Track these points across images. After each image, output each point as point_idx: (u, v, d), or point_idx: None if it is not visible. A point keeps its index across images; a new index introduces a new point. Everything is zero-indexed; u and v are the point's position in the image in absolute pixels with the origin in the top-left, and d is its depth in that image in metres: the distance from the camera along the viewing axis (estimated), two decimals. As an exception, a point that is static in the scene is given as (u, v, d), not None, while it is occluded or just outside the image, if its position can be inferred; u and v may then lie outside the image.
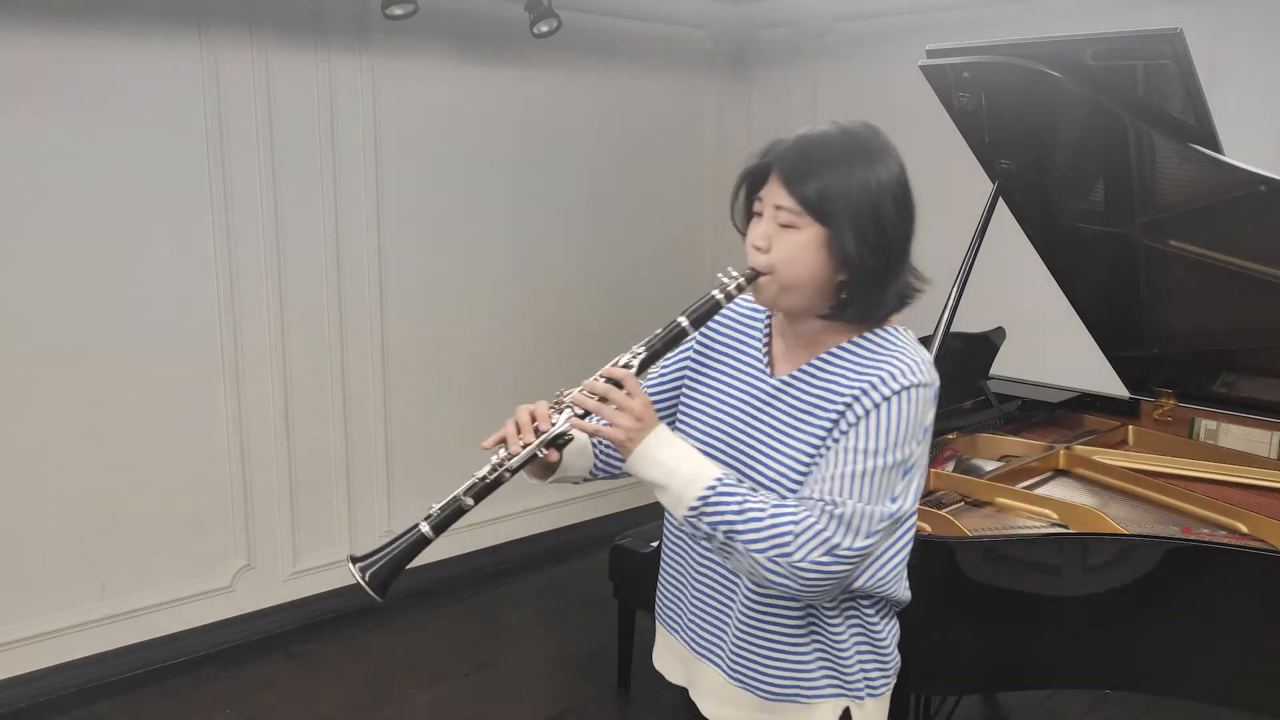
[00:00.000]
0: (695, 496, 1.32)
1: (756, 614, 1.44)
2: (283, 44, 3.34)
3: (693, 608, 1.54)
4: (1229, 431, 2.77)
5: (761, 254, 1.36)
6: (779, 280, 1.36)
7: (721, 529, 1.31)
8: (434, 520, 1.40)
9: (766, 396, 1.44)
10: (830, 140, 1.34)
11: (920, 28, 3.97)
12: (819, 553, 1.28)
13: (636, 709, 3.17)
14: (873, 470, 1.31)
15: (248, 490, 3.50)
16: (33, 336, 3.01)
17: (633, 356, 1.38)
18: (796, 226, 1.33)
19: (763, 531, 1.29)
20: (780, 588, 1.31)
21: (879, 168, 1.33)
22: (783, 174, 1.34)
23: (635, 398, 1.34)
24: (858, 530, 1.30)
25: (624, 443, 1.34)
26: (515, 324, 4.15)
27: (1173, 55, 1.99)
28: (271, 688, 3.28)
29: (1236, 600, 2.07)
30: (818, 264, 1.34)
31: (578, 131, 4.20)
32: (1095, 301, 2.83)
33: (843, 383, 1.36)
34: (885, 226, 1.33)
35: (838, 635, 1.43)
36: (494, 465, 1.40)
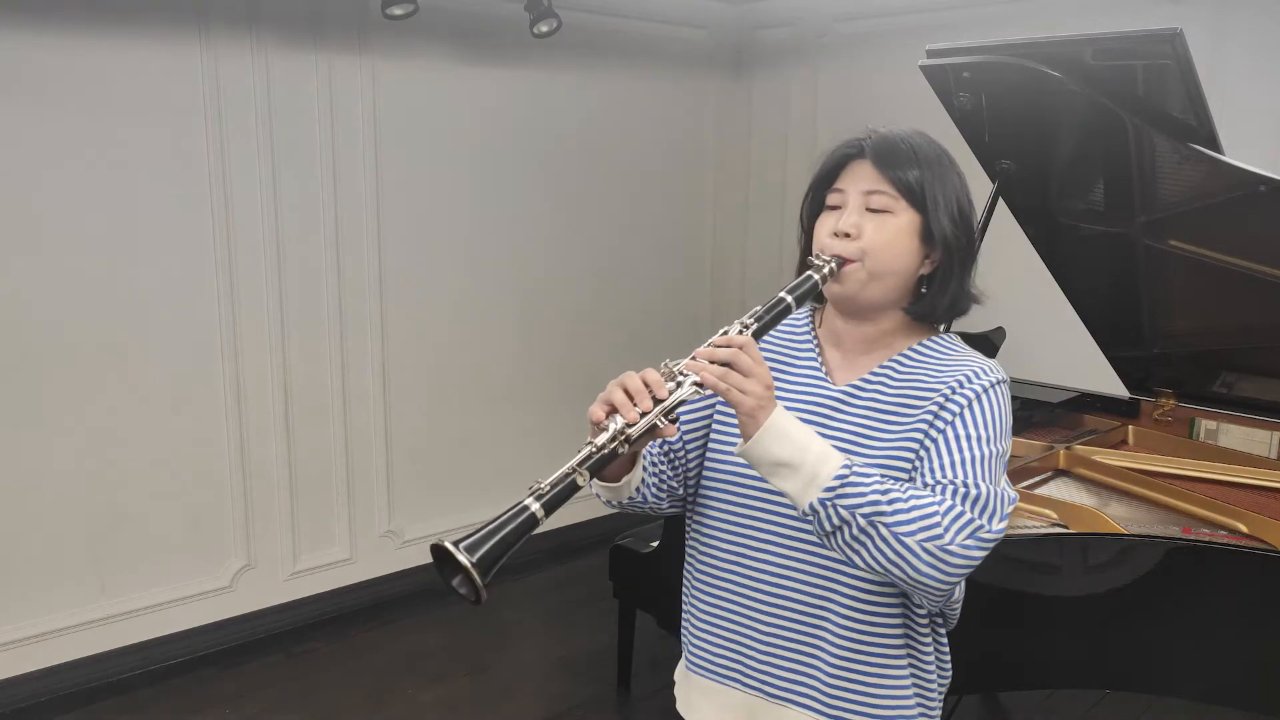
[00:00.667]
0: (832, 475, 1.19)
1: (856, 641, 1.33)
2: (283, 44, 3.34)
3: (766, 651, 1.38)
4: (1229, 431, 2.77)
5: (851, 241, 1.31)
6: (869, 267, 1.31)
7: (862, 513, 1.18)
8: (545, 497, 1.14)
9: (834, 405, 1.36)
10: (916, 138, 1.35)
11: (920, 28, 3.97)
12: (965, 535, 1.19)
13: (636, 709, 3.17)
14: (986, 456, 1.25)
15: (248, 490, 3.50)
16: (33, 336, 3.01)
17: (743, 328, 1.25)
18: (891, 211, 1.31)
19: (910, 514, 1.18)
20: (923, 577, 1.19)
21: (958, 172, 1.37)
22: (879, 156, 1.32)
23: (759, 365, 1.21)
24: (994, 512, 1.22)
25: (754, 411, 1.20)
26: (515, 323, 4.15)
27: (1173, 55, 1.99)
28: (271, 688, 3.28)
29: (1236, 600, 2.07)
30: (910, 251, 1.32)
31: (578, 131, 4.20)
32: (1095, 301, 2.83)
33: (924, 384, 1.32)
34: (969, 222, 1.35)
35: (925, 651, 1.37)
36: (614, 433, 1.19)
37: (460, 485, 4.08)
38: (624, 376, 1.24)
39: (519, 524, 1.13)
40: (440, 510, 4.04)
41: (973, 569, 1.23)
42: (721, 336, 1.24)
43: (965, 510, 1.21)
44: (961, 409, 1.28)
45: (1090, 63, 2.14)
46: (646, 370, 1.23)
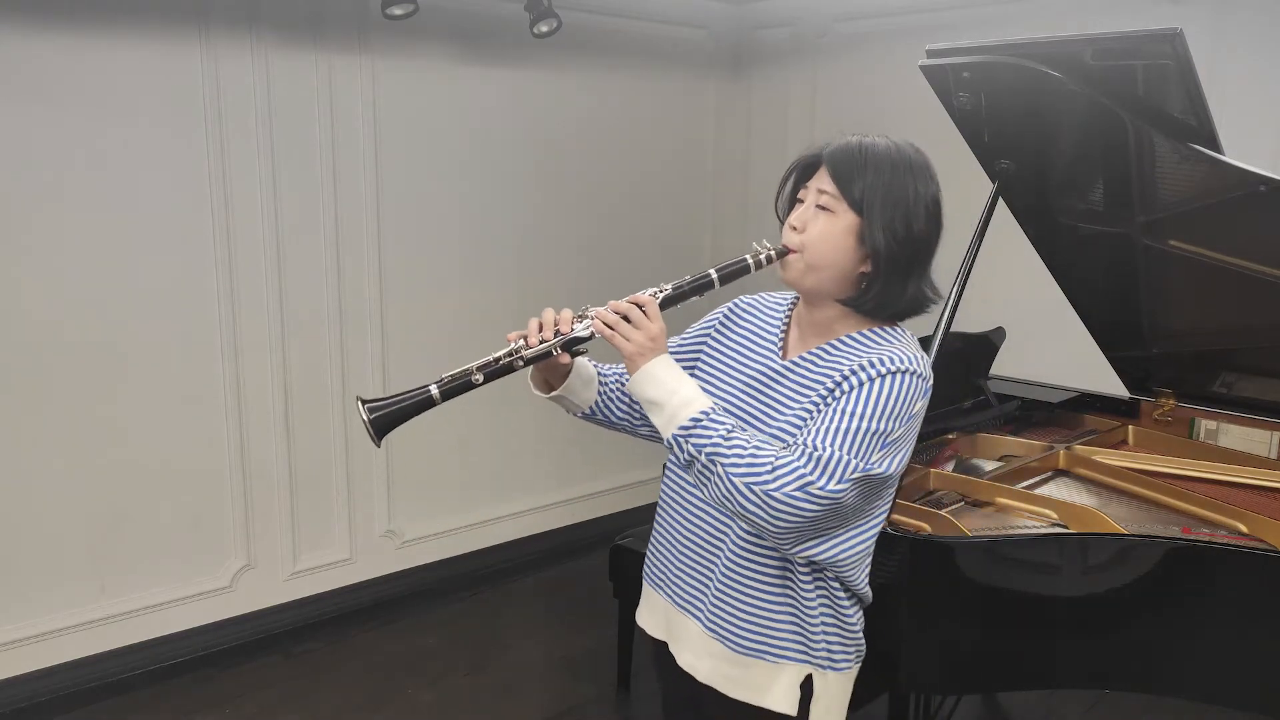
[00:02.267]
0: (688, 418, 1.42)
1: (739, 568, 1.54)
2: (283, 44, 3.34)
3: (679, 562, 1.64)
4: (1229, 431, 2.77)
5: (796, 234, 1.49)
6: (806, 258, 1.48)
7: (705, 451, 1.39)
8: (443, 386, 1.49)
9: (773, 375, 1.55)
10: (879, 146, 1.48)
11: (920, 28, 3.97)
12: (792, 487, 1.35)
13: (636, 709, 3.17)
14: (855, 430, 1.39)
15: (248, 490, 3.51)
16: (32, 336, 3.01)
17: (658, 290, 1.50)
18: (833, 211, 1.46)
19: (744, 458, 1.38)
20: (751, 517, 1.38)
21: (920, 181, 1.47)
22: (832, 164, 1.47)
23: (653, 321, 1.46)
24: (832, 474, 1.37)
25: (633, 356, 1.45)
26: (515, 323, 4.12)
27: (1173, 55, 1.99)
28: (271, 688, 3.28)
29: (1236, 600, 2.07)
30: (845, 249, 1.46)
31: (577, 131, 4.20)
32: (1095, 301, 2.83)
33: (843, 364, 1.47)
34: (914, 231, 1.46)
35: (809, 601, 1.52)
36: (510, 351, 1.50)
37: (460, 485, 4.08)
38: (543, 311, 1.54)
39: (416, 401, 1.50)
40: (440, 510, 4.04)
41: (803, 520, 1.37)
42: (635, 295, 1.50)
43: (802, 465, 1.37)
44: (853, 389, 1.42)
45: (1090, 63, 2.14)
46: (564, 309, 1.54)
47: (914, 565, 2.03)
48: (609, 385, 1.71)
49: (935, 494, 2.42)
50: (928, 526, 2.19)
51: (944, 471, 2.51)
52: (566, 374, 1.63)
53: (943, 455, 2.63)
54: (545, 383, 1.66)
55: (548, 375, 1.64)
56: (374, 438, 1.48)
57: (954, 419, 2.79)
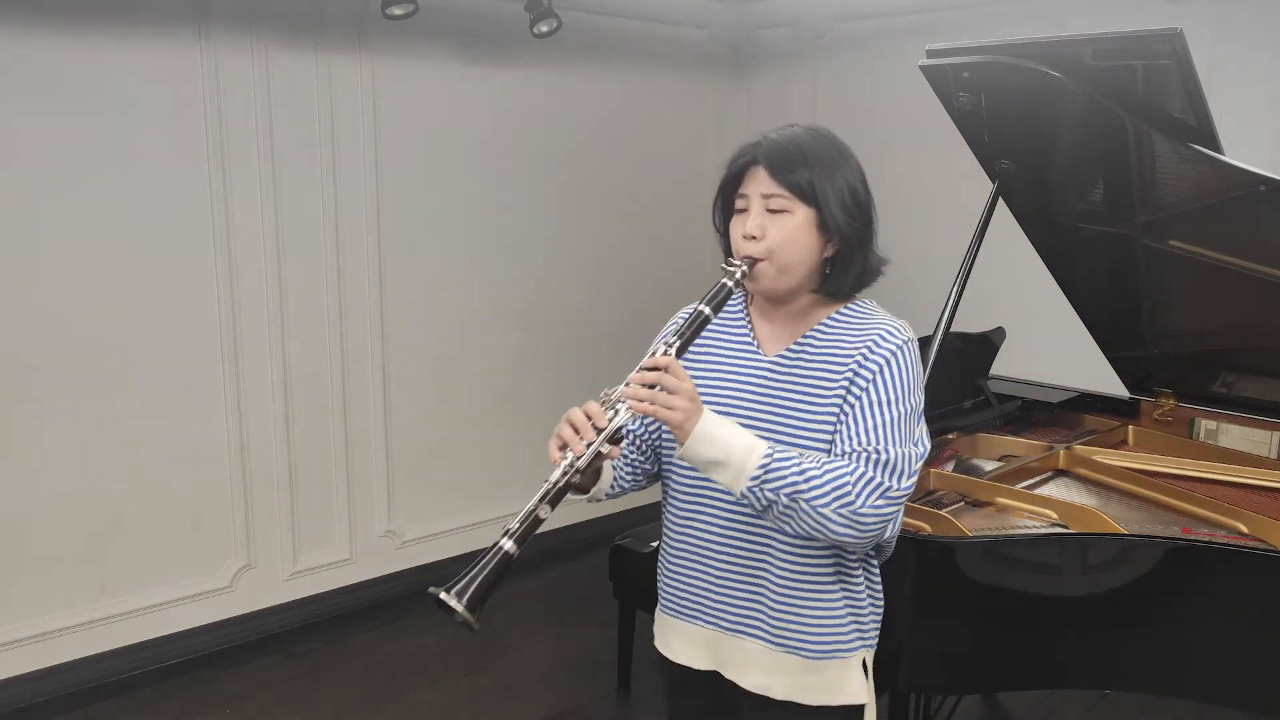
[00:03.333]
0: (756, 466, 1.39)
1: (794, 577, 1.53)
2: (283, 44, 3.34)
3: (719, 589, 1.59)
4: (1229, 431, 2.77)
5: (757, 242, 1.48)
6: (776, 263, 1.48)
7: (785, 493, 1.38)
8: (515, 534, 1.40)
9: (765, 374, 1.54)
10: (804, 137, 1.50)
11: (920, 28, 3.97)
12: (874, 497, 1.39)
13: (636, 709, 3.17)
14: (897, 418, 1.44)
15: (248, 490, 3.50)
16: (32, 336, 3.01)
17: (668, 346, 1.45)
18: (788, 210, 1.47)
19: (824, 487, 1.38)
20: (841, 538, 1.40)
21: (850, 159, 1.51)
22: (771, 164, 1.47)
23: (684, 381, 1.41)
24: (902, 472, 1.42)
25: (682, 423, 1.40)
26: (515, 323, 4.15)
27: (1173, 55, 1.99)
28: (271, 688, 3.28)
29: (1236, 600, 2.07)
30: (809, 243, 1.48)
31: (578, 131, 4.20)
32: (1095, 301, 2.83)
33: (840, 352, 1.50)
34: (861, 205, 1.50)
35: (857, 587, 1.56)
36: (564, 469, 1.41)
37: (460, 485, 4.08)
38: (569, 412, 1.45)
39: (497, 562, 1.39)
40: (440, 510, 4.04)
41: (887, 523, 1.43)
42: (649, 359, 1.44)
43: (875, 474, 1.41)
44: (874, 375, 1.46)
45: (1090, 63, 2.14)
46: (588, 403, 1.44)
47: (914, 565, 2.02)
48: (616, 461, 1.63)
49: (935, 494, 2.42)
50: (928, 527, 2.19)
51: (944, 471, 2.51)
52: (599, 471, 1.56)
53: (943, 455, 2.63)
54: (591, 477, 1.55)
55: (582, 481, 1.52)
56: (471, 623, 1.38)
57: (954, 419, 2.79)
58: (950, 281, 2.56)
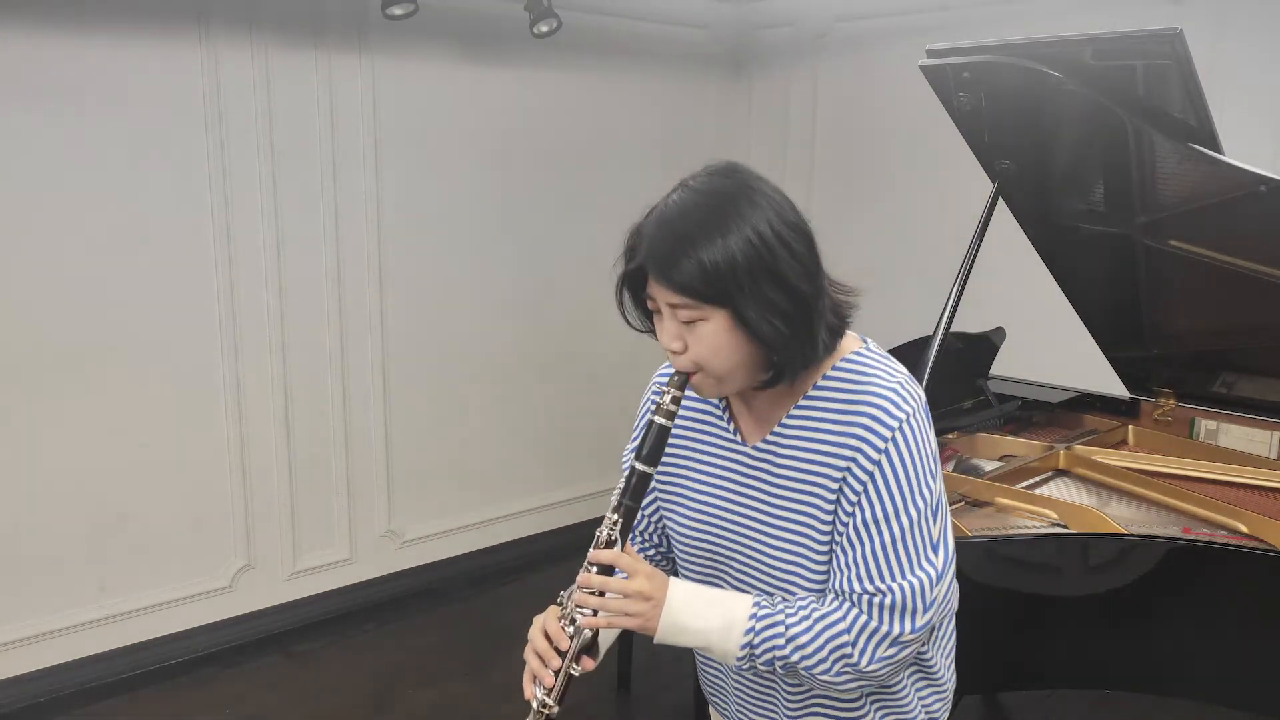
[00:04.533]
0: (739, 645, 1.26)
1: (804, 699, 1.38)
2: (283, 44, 3.34)
3: (737, 694, 1.46)
4: (1229, 431, 2.77)
5: (681, 355, 1.24)
6: (711, 375, 1.24)
7: (780, 664, 1.25)
8: None
9: (747, 468, 1.33)
10: (689, 210, 1.21)
11: (920, 28, 3.97)
12: (882, 649, 1.22)
13: (636, 709, 3.17)
14: (901, 534, 1.21)
15: (248, 490, 3.50)
16: (32, 336, 3.01)
17: (610, 527, 1.28)
18: (701, 318, 1.20)
19: (820, 652, 1.22)
20: (854, 690, 1.27)
21: (752, 216, 1.18)
22: (658, 270, 1.20)
23: (635, 577, 1.26)
24: (913, 611, 1.21)
25: (643, 627, 1.28)
26: (515, 324, 4.15)
27: (1173, 55, 1.99)
28: (271, 688, 3.28)
29: (1236, 600, 2.07)
30: (738, 345, 1.21)
31: (577, 131, 4.20)
32: (1095, 301, 2.83)
33: (829, 437, 1.25)
34: (785, 277, 1.18)
35: (896, 686, 1.36)
36: (538, 710, 1.33)
37: (460, 485, 4.08)
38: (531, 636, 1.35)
39: None
40: (440, 510, 4.04)
41: (911, 657, 1.26)
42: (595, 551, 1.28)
43: (878, 622, 1.21)
44: (866, 482, 1.22)
45: (1090, 63, 2.14)
46: (548, 616, 1.33)
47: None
48: None
49: (935, 494, 2.42)
50: (928, 526, 2.18)
51: (944, 471, 2.51)
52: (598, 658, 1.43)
53: (943, 455, 2.63)
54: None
55: None
56: None
57: (954, 419, 2.79)
58: (950, 281, 2.56)
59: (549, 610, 1.33)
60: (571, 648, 1.30)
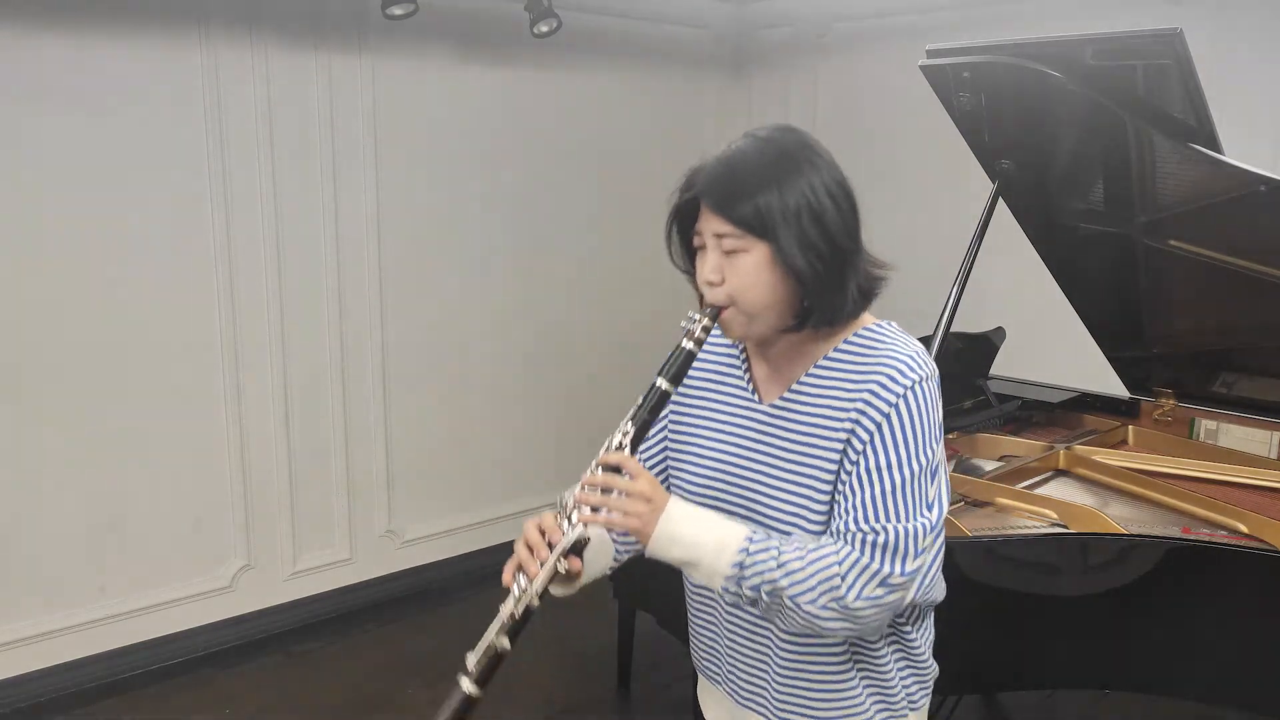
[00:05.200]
0: (730, 564, 1.26)
1: (796, 659, 1.38)
2: (283, 44, 3.34)
3: (730, 660, 1.47)
4: (1229, 431, 2.77)
5: (717, 288, 1.29)
6: (742, 310, 1.29)
7: (765, 590, 1.25)
8: (474, 674, 1.31)
9: (760, 425, 1.37)
10: (751, 155, 1.29)
11: (920, 28, 3.97)
12: (870, 587, 1.23)
13: (636, 709, 3.17)
14: (901, 484, 1.26)
15: (248, 490, 3.50)
16: (32, 336, 3.01)
17: (622, 435, 1.31)
18: (743, 250, 1.27)
19: (808, 581, 1.23)
20: (839, 632, 1.27)
21: (809, 171, 1.27)
22: (713, 201, 1.28)
23: (639, 479, 1.28)
24: (905, 554, 1.24)
25: (640, 529, 1.28)
26: (515, 323, 4.15)
27: (1173, 55, 1.99)
28: (272, 688, 3.28)
29: (1236, 600, 2.07)
30: (774, 282, 1.27)
31: (577, 131, 4.20)
32: (1095, 301, 2.83)
33: (842, 396, 1.30)
34: (828, 226, 1.27)
35: (881, 661, 1.39)
36: (517, 597, 1.31)
37: (460, 485, 4.08)
38: (525, 529, 1.34)
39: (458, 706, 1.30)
40: (440, 510, 4.04)
41: (895, 608, 1.27)
42: (604, 453, 1.31)
43: (870, 559, 1.24)
44: (873, 433, 1.27)
45: (1090, 63, 2.14)
46: (543, 514, 1.33)
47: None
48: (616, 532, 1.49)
49: (935, 494, 2.42)
50: (928, 526, 2.18)
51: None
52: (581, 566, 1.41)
53: (943, 455, 2.63)
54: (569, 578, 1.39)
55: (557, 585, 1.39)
56: None
57: (954, 419, 2.79)
58: (950, 281, 2.56)
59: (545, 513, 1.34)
60: (563, 542, 1.30)
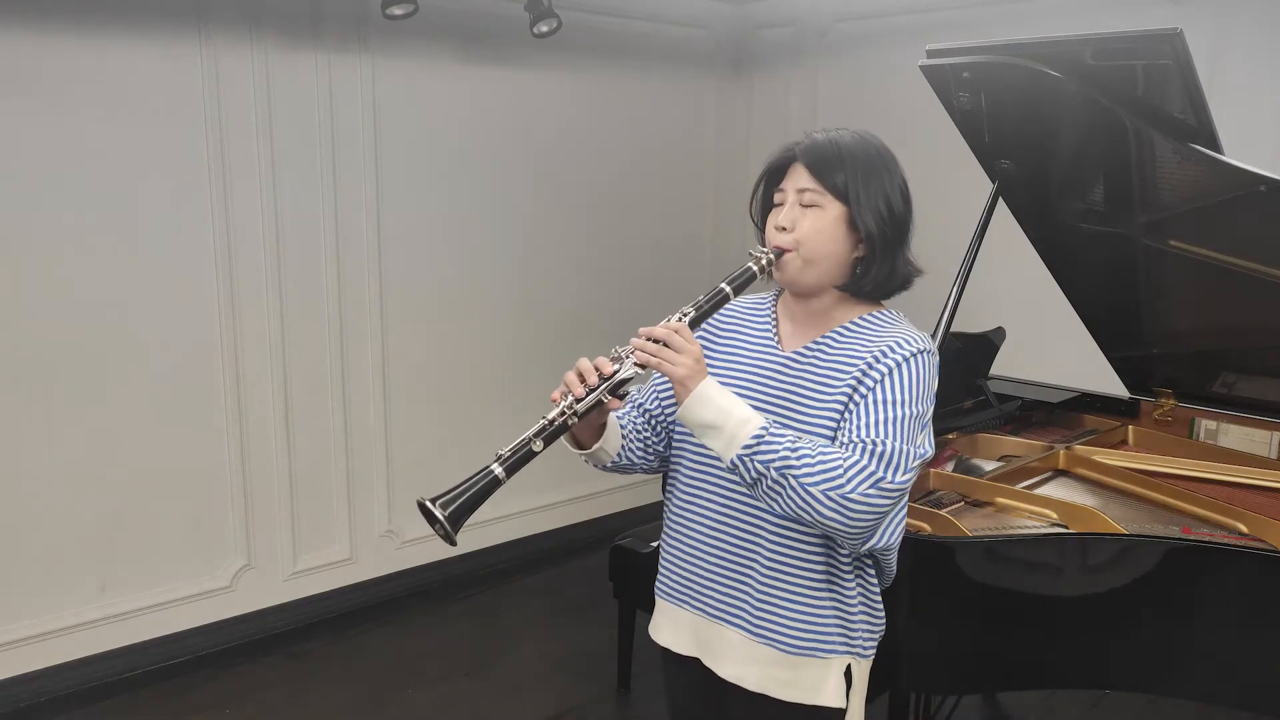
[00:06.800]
0: (750, 435, 1.41)
1: (779, 570, 1.54)
2: (283, 44, 3.34)
3: (706, 575, 1.61)
4: (1229, 431, 2.77)
5: (787, 233, 1.52)
6: (803, 254, 1.51)
7: (775, 466, 1.39)
8: (506, 462, 1.42)
9: (779, 368, 1.57)
10: (850, 142, 1.53)
11: (920, 28, 3.97)
12: (866, 485, 1.38)
13: (636, 709, 3.17)
14: (900, 418, 1.44)
15: (248, 490, 3.50)
16: (33, 336, 3.01)
17: (681, 315, 1.48)
18: (820, 205, 1.51)
19: (814, 466, 1.39)
20: (828, 523, 1.39)
21: (892, 167, 1.54)
22: (809, 161, 1.52)
23: (691, 344, 1.44)
24: (898, 466, 1.41)
25: (684, 379, 1.42)
26: (515, 323, 4.15)
27: (1173, 55, 1.99)
28: (271, 688, 3.28)
29: (1237, 600, 2.07)
30: (839, 238, 1.51)
31: (577, 131, 4.20)
32: (1095, 301, 2.83)
33: (855, 354, 1.51)
34: (895, 211, 1.52)
35: (849, 593, 1.56)
36: (562, 410, 1.44)
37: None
38: (578, 361, 1.48)
39: (484, 485, 1.41)
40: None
41: (878, 516, 1.41)
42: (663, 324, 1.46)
43: (869, 463, 1.40)
44: (883, 376, 1.47)
45: (1090, 63, 2.14)
46: (599, 357, 1.48)
47: (914, 565, 2.02)
48: (627, 430, 1.67)
49: (935, 494, 2.42)
50: (928, 527, 2.19)
51: (944, 471, 2.51)
52: (602, 427, 1.59)
53: (943, 455, 2.63)
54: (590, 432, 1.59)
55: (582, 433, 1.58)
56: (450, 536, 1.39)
57: (954, 419, 2.79)
58: (950, 281, 2.56)
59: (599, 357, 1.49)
60: (614, 376, 1.45)
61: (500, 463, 1.42)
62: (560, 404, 1.45)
